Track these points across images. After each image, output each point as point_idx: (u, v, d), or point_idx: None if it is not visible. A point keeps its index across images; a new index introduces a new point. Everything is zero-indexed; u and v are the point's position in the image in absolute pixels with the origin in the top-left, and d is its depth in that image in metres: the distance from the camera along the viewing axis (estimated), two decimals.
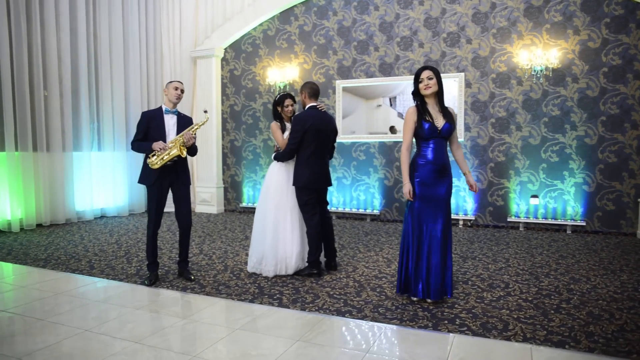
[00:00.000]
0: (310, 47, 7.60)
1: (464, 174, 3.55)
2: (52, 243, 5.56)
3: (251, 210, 8.17)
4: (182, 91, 4.03)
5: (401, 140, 7.00)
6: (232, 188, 8.36)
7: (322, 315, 3.24)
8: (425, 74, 3.40)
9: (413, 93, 3.50)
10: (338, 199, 7.54)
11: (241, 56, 8.09)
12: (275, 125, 4.32)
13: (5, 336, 2.87)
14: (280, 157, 4.22)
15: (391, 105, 7.09)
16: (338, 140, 7.41)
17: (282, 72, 7.68)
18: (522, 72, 6.37)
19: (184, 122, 4.06)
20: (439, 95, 3.45)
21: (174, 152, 3.84)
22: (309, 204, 4.16)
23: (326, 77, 7.53)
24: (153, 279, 3.96)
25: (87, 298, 3.56)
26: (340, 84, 7.40)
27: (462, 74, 6.67)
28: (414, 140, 3.53)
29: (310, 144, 4.11)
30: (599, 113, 6.09)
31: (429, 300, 3.46)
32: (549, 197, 6.36)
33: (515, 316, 3.20)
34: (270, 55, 7.88)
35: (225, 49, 8.18)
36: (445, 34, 6.76)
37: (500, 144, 6.57)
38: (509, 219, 6.52)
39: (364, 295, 3.66)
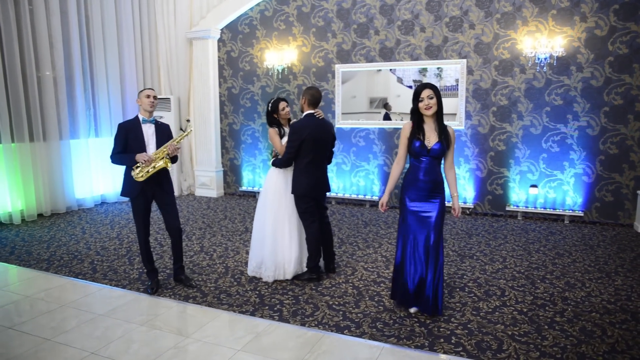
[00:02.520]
0: (308, 30, 7.39)
1: (451, 196, 3.53)
2: (54, 238, 5.61)
3: (251, 195, 8.20)
4: (156, 97, 3.95)
5: (401, 126, 6.96)
6: (231, 172, 8.35)
7: (322, 332, 3.32)
8: (426, 92, 3.33)
9: (411, 111, 3.45)
10: (338, 185, 7.55)
11: (238, 37, 7.88)
12: (273, 131, 4.27)
13: None
14: (278, 164, 4.21)
15: (391, 70, 6.95)
16: (337, 126, 7.36)
17: (280, 55, 7.49)
18: (525, 59, 6.22)
19: (162, 130, 4.00)
20: (438, 114, 3.40)
21: (160, 164, 3.82)
22: (307, 212, 4.18)
23: (325, 60, 7.36)
24: (155, 287, 4.03)
25: (92, 311, 3.63)
26: (339, 68, 7.24)
27: (464, 60, 6.52)
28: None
29: (308, 153, 4.09)
30: (602, 103, 6.00)
31: (425, 314, 3.55)
32: (548, 187, 6.37)
33: (510, 333, 3.28)
34: (267, 37, 7.67)
35: (221, 29, 7.94)
36: (447, 18, 6.56)
37: (501, 132, 6.51)
38: (507, 208, 6.56)
39: (362, 306, 3.73)
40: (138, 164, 3.78)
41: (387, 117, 7.06)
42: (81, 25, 7.02)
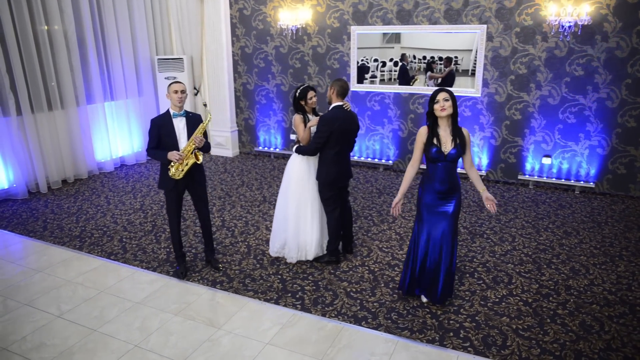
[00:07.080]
0: None
1: (480, 192, 3.65)
2: (81, 210, 5.89)
3: (266, 155, 8.34)
4: (183, 91, 3.99)
5: (417, 92, 6.91)
6: (246, 131, 8.42)
7: (342, 323, 3.62)
8: (442, 95, 3.39)
9: (427, 114, 3.50)
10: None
11: None
12: (299, 118, 4.33)
13: (67, 353, 3.30)
14: (304, 152, 4.31)
15: None
16: (352, 89, 7.31)
17: (294, 14, 7.27)
18: (548, 27, 6.01)
19: (193, 122, 4.09)
20: (453, 116, 3.45)
21: (191, 161, 3.97)
22: (331, 199, 4.36)
23: (340, 22, 7.14)
24: (184, 271, 4.32)
25: (129, 299, 3.95)
26: (355, 30, 7.05)
27: (485, 25, 6.30)
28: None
29: (336, 144, 4.20)
30: (624, 75, 5.87)
31: (437, 305, 3.82)
32: (561, 158, 6.42)
33: (514, 327, 3.56)
34: None
35: None
36: None
37: (518, 102, 6.45)
38: (519, 177, 6.66)
39: (378, 294, 4.01)
40: (172, 163, 3.94)
41: (403, 69, 6.92)
42: None
